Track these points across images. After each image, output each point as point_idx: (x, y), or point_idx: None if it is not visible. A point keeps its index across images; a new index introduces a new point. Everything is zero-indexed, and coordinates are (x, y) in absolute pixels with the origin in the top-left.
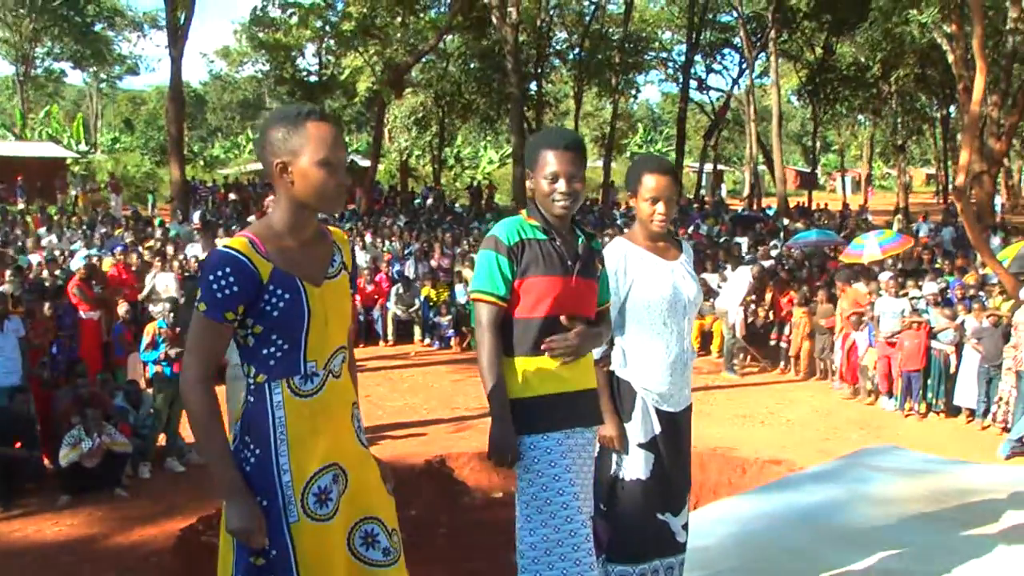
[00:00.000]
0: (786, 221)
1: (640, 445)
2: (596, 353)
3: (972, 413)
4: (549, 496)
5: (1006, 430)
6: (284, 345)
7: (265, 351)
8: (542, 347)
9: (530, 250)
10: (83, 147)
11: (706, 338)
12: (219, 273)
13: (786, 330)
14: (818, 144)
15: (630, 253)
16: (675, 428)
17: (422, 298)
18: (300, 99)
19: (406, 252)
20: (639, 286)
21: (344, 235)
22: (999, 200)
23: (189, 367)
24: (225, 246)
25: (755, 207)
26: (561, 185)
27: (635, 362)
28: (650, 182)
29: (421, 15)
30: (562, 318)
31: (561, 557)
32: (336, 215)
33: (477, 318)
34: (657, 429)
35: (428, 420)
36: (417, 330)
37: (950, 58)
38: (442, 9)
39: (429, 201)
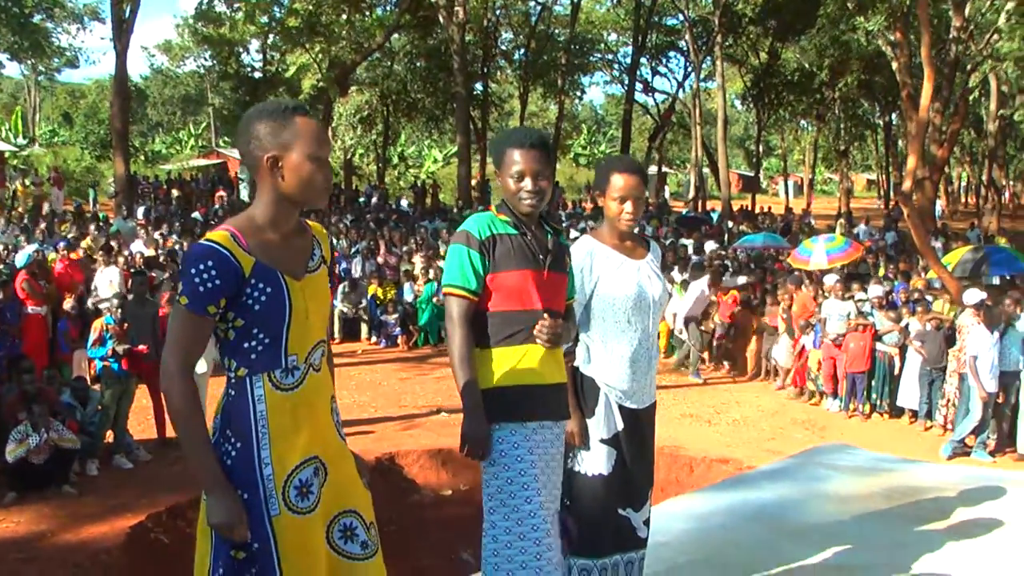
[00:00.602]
0: (731, 224)
1: (602, 441)
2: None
3: (915, 414)
4: (514, 489)
5: (948, 431)
6: (265, 339)
7: (246, 345)
8: (535, 331)
9: (501, 244)
10: (21, 140)
11: None
12: (201, 267)
13: (731, 332)
14: (761, 148)
15: (596, 251)
16: (638, 425)
17: (369, 296)
18: (244, 95)
19: (352, 250)
20: (605, 284)
21: (323, 229)
22: (939, 206)
23: (170, 360)
24: (206, 239)
25: (699, 210)
26: (527, 183)
27: (599, 359)
28: (618, 181)
29: (368, 13)
30: (544, 321)
31: (522, 550)
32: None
33: (448, 312)
34: (620, 425)
35: (376, 418)
36: (364, 328)
37: (894, 65)
38: (389, 7)
39: (373, 200)
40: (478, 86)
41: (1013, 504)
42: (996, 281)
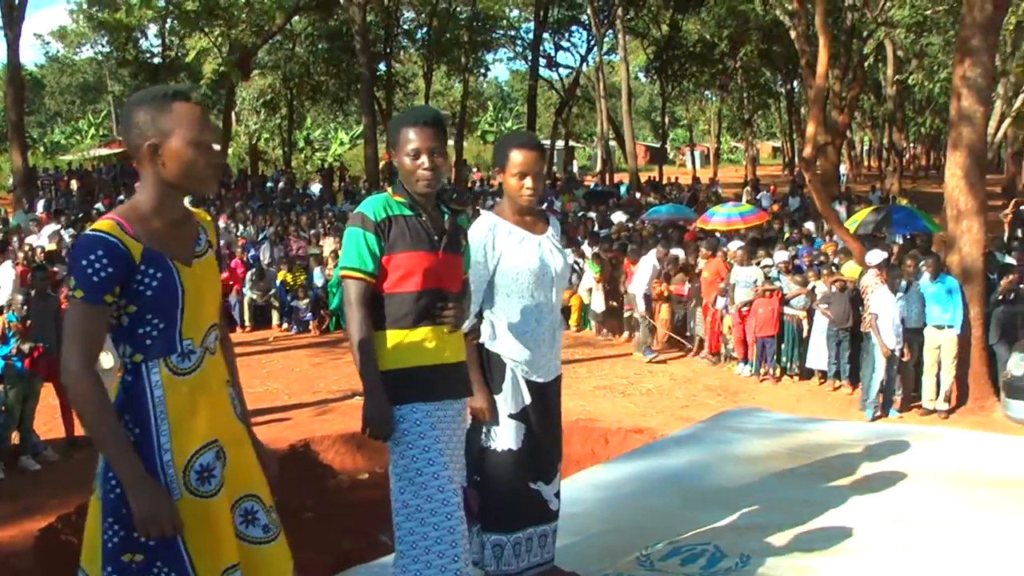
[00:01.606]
0: (638, 195)
1: (511, 416)
2: (465, 326)
3: (824, 375)
4: (421, 467)
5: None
6: (160, 324)
7: (141, 331)
8: (439, 314)
9: (397, 226)
10: None
11: (564, 313)
12: (92, 257)
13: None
14: (667, 119)
15: (498, 227)
16: (545, 398)
17: (278, 282)
18: (143, 81)
19: (260, 237)
20: (507, 259)
21: (206, 215)
22: (843, 170)
23: (71, 357)
24: (93, 229)
25: (607, 182)
26: (423, 161)
27: (504, 334)
28: (517, 157)
29: None
30: (448, 307)
31: (435, 527)
32: (211, 196)
33: (346, 294)
34: (527, 399)
35: (290, 405)
36: (275, 315)
37: (793, 34)
38: None
39: (280, 184)
40: (381, 66)
41: (914, 457)
42: (899, 240)
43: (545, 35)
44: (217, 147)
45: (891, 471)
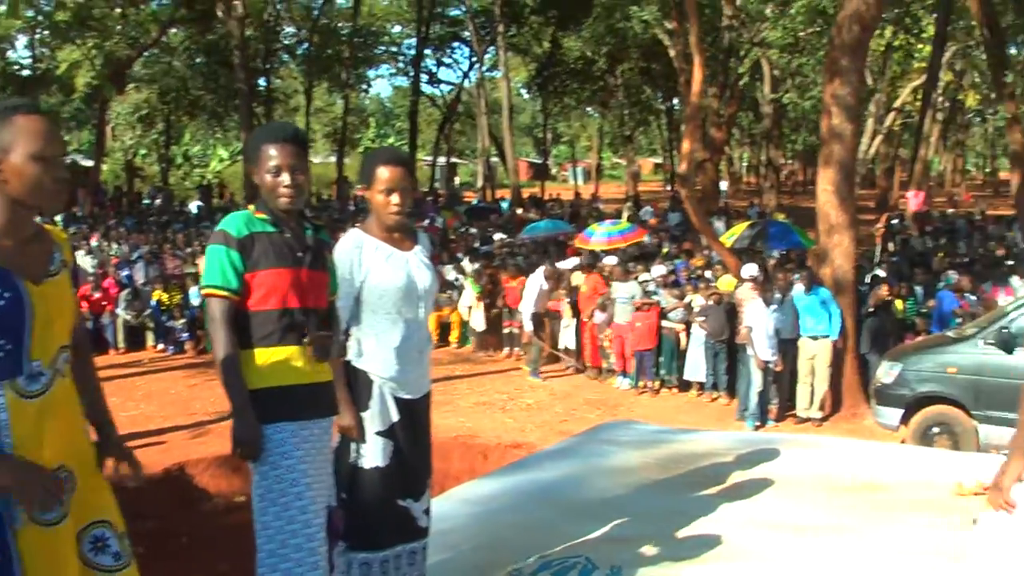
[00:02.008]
0: (520, 211)
1: (378, 433)
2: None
3: (702, 386)
4: (284, 487)
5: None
6: (7, 345)
7: None
8: (305, 340)
9: (260, 243)
10: None
11: (445, 329)
12: None
13: (517, 317)
14: (549, 136)
15: (365, 244)
16: (413, 415)
17: (154, 302)
18: (12, 94)
19: (134, 255)
20: (374, 276)
21: (62, 233)
22: (724, 186)
23: None
24: None
25: (489, 199)
26: (284, 178)
27: (371, 351)
28: (384, 173)
29: (142, 7)
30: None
31: (296, 548)
32: (58, 215)
33: (210, 313)
34: (395, 417)
35: (165, 428)
36: (150, 335)
37: (671, 53)
38: (164, 1)
39: (157, 201)
40: (261, 81)
41: (785, 464)
42: (776, 255)
43: (427, 51)
44: (65, 161)
45: (762, 478)
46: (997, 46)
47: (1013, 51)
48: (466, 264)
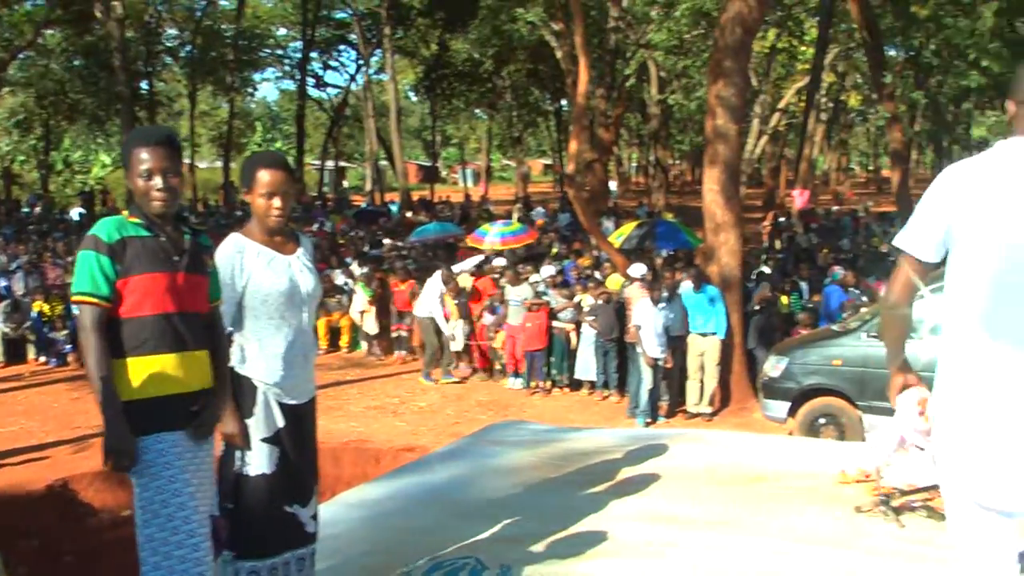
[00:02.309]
0: (409, 214)
1: (263, 439)
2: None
3: (593, 385)
4: (166, 498)
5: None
6: None
7: None
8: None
9: (133, 248)
10: None
11: (335, 334)
12: None
13: (407, 320)
14: (438, 138)
15: (246, 248)
16: (299, 420)
17: (35, 313)
18: None
19: (13, 266)
20: (256, 280)
21: None
22: (613, 186)
23: None
24: None
25: (378, 202)
26: (157, 182)
27: (254, 357)
28: (265, 177)
29: (15, 7)
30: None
31: (181, 560)
32: None
33: (80, 321)
34: (280, 423)
35: (48, 443)
36: (31, 348)
37: (558, 54)
38: (39, 1)
39: (37, 209)
40: (143, 85)
41: (673, 458)
42: (664, 254)
43: (313, 54)
44: None
45: (652, 474)
46: (876, 48)
47: (892, 53)
48: (355, 268)
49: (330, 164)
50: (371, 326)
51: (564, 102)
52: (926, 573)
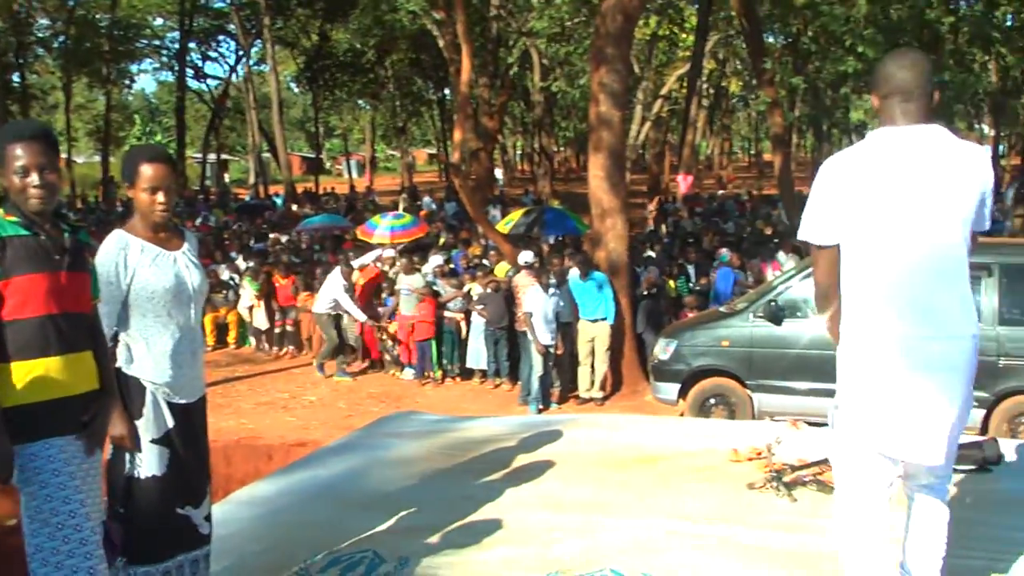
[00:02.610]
0: (295, 207)
1: (153, 441)
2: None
3: (484, 374)
4: (55, 506)
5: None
6: None
7: None
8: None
9: (12, 248)
10: None
11: (222, 330)
12: None
13: (291, 315)
14: (321, 129)
15: (130, 244)
16: (189, 420)
17: None
18: None
19: None
20: (141, 277)
21: None
22: (499, 174)
23: None
24: None
25: (262, 195)
26: (33, 178)
27: (141, 356)
28: (147, 171)
29: None
30: None
31: (73, 569)
32: None
33: None
34: (170, 423)
35: None
36: None
37: (440, 43)
38: None
39: None
40: (15, 77)
41: (567, 444)
42: (552, 241)
43: (192, 45)
44: None
45: (546, 460)
46: (755, 35)
47: (770, 39)
48: (240, 263)
49: (212, 157)
50: (261, 321)
51: (447, 91)
52: (819, 544)
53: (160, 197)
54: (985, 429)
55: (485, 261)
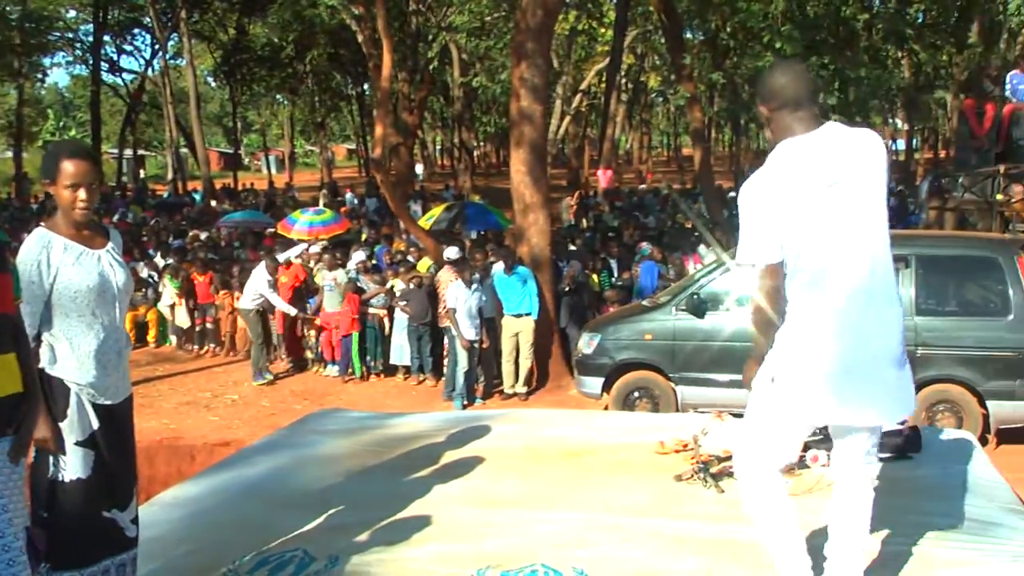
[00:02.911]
0: (213, 203)
1: (78, 443)
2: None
3: (408, 370)
4: None
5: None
6: None
7: None
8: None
9: None
10: None
11: (142, 329)
12: None
13: (210, 312)
14: (239, 124)
15: (53, 243)
16: (115, 421)
17: None
18: None
19: None
20: (64, 277)
21: None
22: (419, 169)
23: None
24: None
25: (180, 191)
26: (81, 194)
27: (65, 357)
28: (69, 168)
29: None
30: None
31: None
32: None
33: None
34: (95, 425)
35: None
36: None
37: (359, 38)
38: None
39: None
40: None
41: (493, 439)
42: (474, 235)
43: (106, 38)
44: None
45: (473, 456)
46: (675, 31)
47: (689, 35)
48: (159, 260)
49: (128, 152)
50: (183, 319)
51: (366, 86)
52: (747, 532)
53: (82, 194)
54: None
55: (409, 257)
